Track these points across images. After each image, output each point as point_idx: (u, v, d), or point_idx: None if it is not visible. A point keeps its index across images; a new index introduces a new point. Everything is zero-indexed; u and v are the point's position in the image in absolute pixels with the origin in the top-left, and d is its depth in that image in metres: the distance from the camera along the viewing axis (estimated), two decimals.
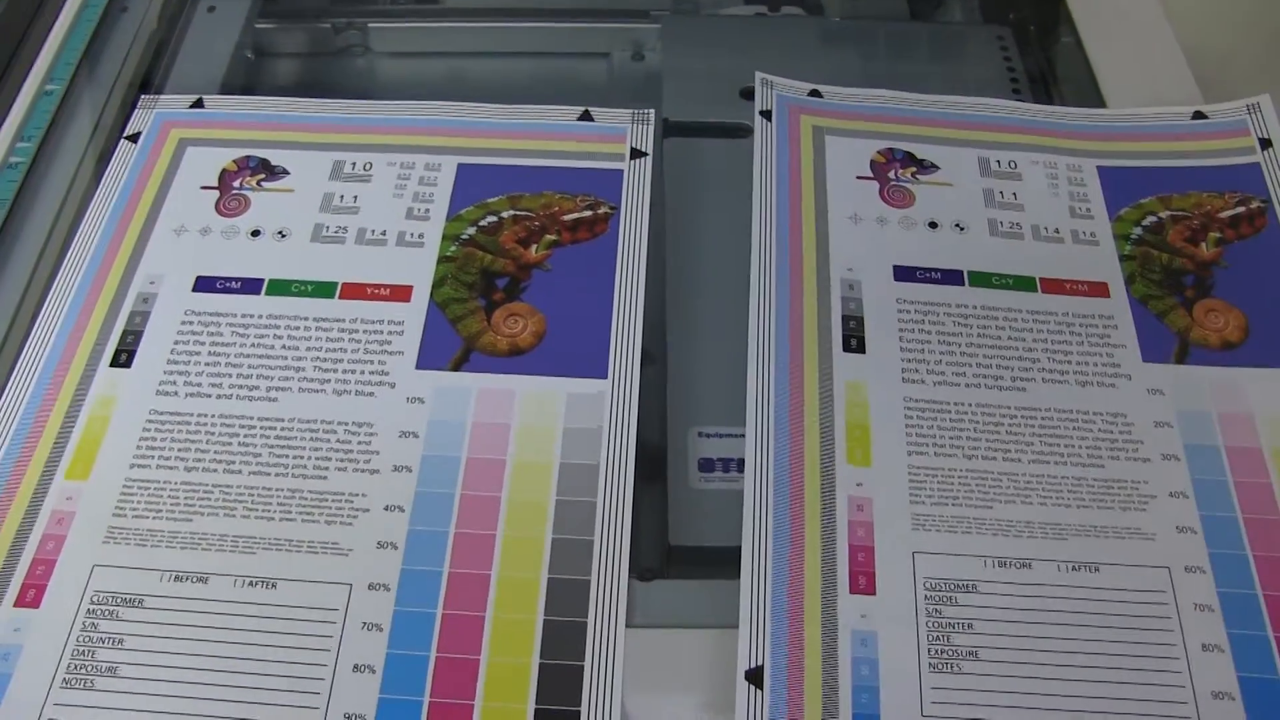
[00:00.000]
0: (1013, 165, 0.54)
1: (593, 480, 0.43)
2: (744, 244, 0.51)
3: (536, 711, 0.38)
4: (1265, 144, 0.55)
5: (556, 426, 0.44)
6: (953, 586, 0.41)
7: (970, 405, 0.46)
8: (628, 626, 0.40)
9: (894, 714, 0.39)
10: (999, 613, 0.41)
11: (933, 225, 0.52)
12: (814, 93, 0.57)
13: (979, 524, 0.43)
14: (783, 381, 0.46)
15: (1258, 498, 0.44)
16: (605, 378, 0.46)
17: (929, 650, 0.40)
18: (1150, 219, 0.53)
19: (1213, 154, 0.55)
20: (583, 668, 0.39)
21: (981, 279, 0.50)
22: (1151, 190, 0.54)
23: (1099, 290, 0.50)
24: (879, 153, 0.54)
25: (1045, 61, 0.66)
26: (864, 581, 0.41)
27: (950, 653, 0.40)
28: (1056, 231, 0.52)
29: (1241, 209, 0.53)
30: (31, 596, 0.41)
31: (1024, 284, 0.50)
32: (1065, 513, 0.43)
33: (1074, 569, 0.42)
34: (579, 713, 0.38)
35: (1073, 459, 0.45)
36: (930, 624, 0.40)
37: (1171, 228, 0.52)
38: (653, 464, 0.47)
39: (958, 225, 0.52)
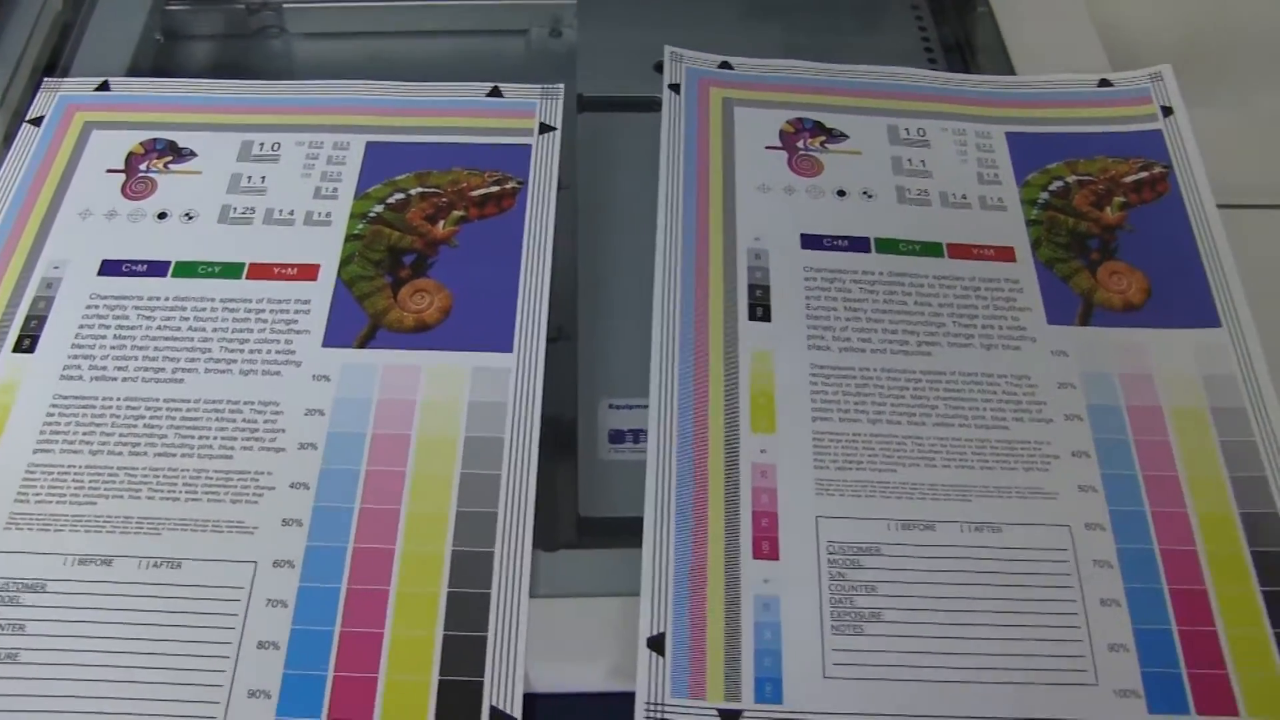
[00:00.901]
0: (921, 133, 0.55)
1: (497, 453, 0.43)
2: (656, 218, 0.51)
3: (440, 683, 0.38)
4: (1167, 111, 0.56)
5: (461, 401, 0.45)
6: (856, 550, 0.42)
7: (876, 370, 0.46)
8: (532, 597, 0.40)
9: (796, 676, 0.39)
10: (902, 575, 0.41)
11: (841, 194, 0.52)
12: (724, 65, 0.57)
13: (883, 488, 0.43)
14: (687, 351, 0.46)
15: (1157, 455, 0.45)
16: (510, 351, 0.46)
17: (831, 613, 0.40)
18: (1057, 184, 0.53)
19: (1117, 120, 0.56)
20: (486, 638, 0.39)
21: (889, 245, 0.50)
22: (1058, 156, 0.54)
23: (1005, 255, 0.50)
24: (788, 123, 0.54)
25: (961, 31, 0.66)
26: (767, 547, 0.42)
27: (853, 615, 0.40)
28: (964, 197, 0.52)
29: (1144, 174, 0.53)
30: None
31: (931, 250, 0.50)
32: (969, 474, 0.44)
33: (976, 529, 0.43)
34: (482, 683, 0.38)
35: (977, 421, 0.45)
36: (833, 587, 0.41)
37: (1077, 192, 0.53)
38: (564, 437, 0.48)
39: (865, 193, 0.52)
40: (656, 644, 0.39)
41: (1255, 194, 0.56)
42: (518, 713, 0.38)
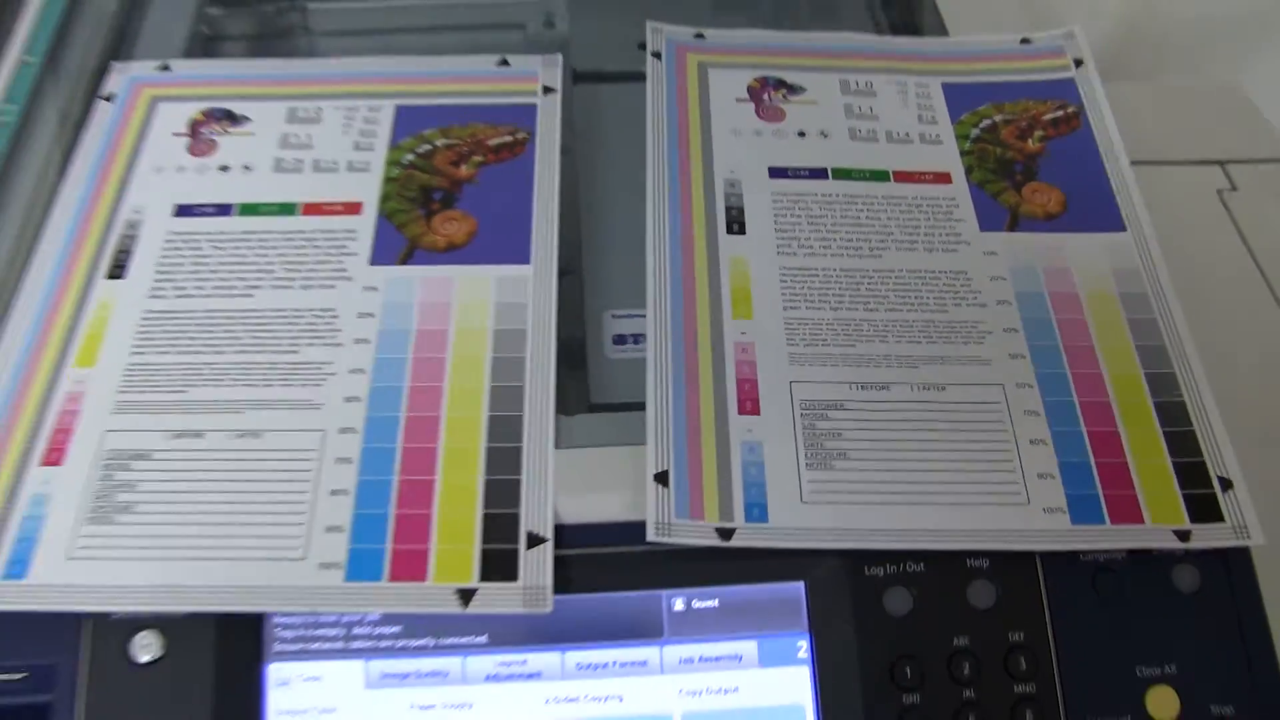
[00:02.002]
0: (869, 85, 0.64)
1: (521, 341, 0.52)
2: (644, 168, 0.60)
3: (484, 515, 0.47)
4: (1078, 63, 0.65)
5: (489, 301, 0.53)
6: (824, 406, 0.50)
7: (835, 270, 0.55)
8: (556, 448, 0.49)
9: (778, 502, 0.47)
10: (863, 423, 0.50)
11: (801, 135, 0.61)
12: (699, 35, 0.66)
13: (844, 359, 0.52)
14: (676, 263, 0.55)
15: (1075, 329, 0.54)
16: (528, 264, 0.55)
17: (805, 453, 0.49)
18: (986, 122, 0.62)
19: (1037, 71, 0.65)
20: (520, 480, 0.47)
21: (843, 174, 0.59)
22: (986, 100, 0.63)
23: (943, 179, 0.59)
24: (754, 80, 0.64)
25: (905, 10, 0.76)
26: (750, 405, 0.50)
27: (823, 454, 0.49)
28: (907, 135, 0.61)
29: (1060, 112, 0.63)
30: (54, 457, 0.48)
31: (879, 176, 0.59)
32: (916, 348, 0.53)
33: (924, 389, 0.51)
34: (518, 514, 0.47)
35: (922, 307, 0.54)
36: (806, 434, 0.49)
37: (1003, 128, 0.62)
38: (575, 345, 0.56)
39: (822, 134, 0.61)
40: (661, 478, 0.48)
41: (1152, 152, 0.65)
42: (550, 535, 0.46)
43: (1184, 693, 0.45)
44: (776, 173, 0.59)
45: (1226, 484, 0.48)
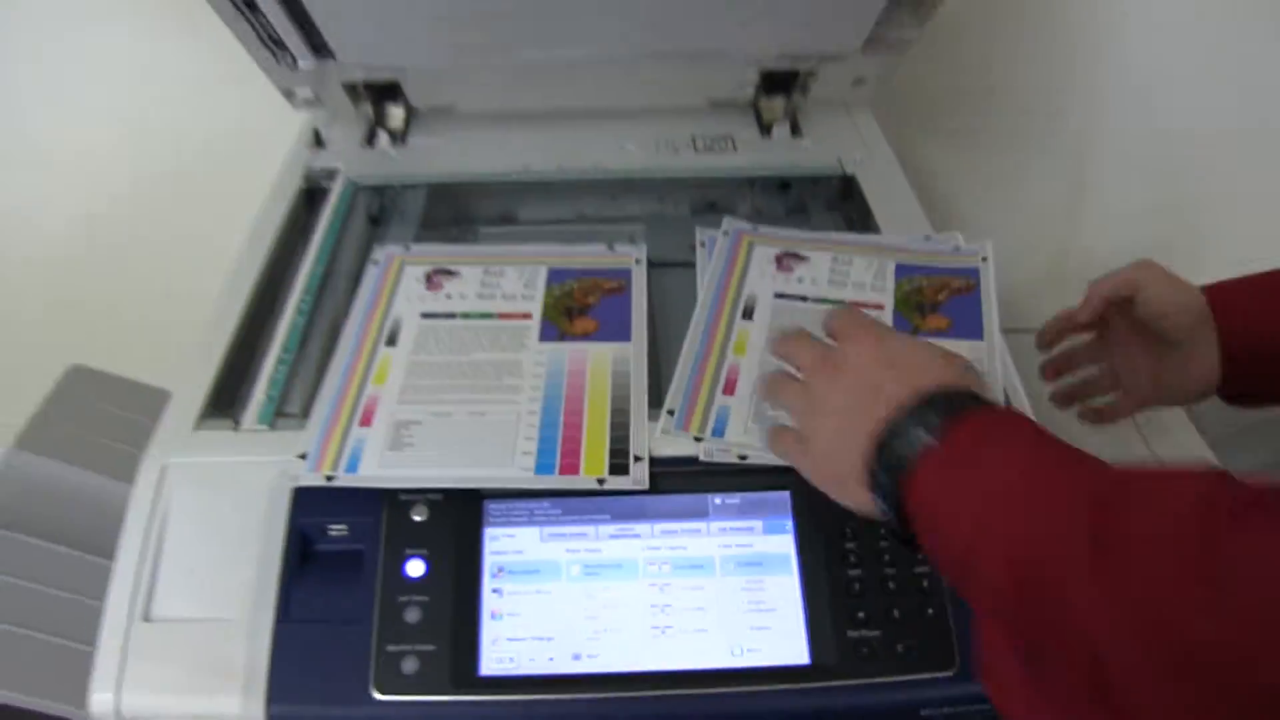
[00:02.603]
0: (848, 260, 1.05)
1: (626, 379, 0.91)
2: (683, 303, 1.00)
3: (610, 448, 0.84)
4: (984, 259, 1.07)
5: (608, 360, 0.93)
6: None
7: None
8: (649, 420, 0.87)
9: (733, 429, 0.85)
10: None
11: (799, 280, 1.02)
12: (752, 228, 1.08)
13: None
14: (711, 321, 0.95)
15: None
16: (629, 341, 0.95)
17: (753, 416, 0.87)
18: (916, 284, 1.03)
19: (960, 261, 1.06)
20: (629, 434, 0.85)
21: (819, 299, 1.00)
22: (921, 274, 1.04)
23: (879, 306, 1.00)
24: (780, 253, 1.05)
25: (856, 213, 1.18)
26: (730, 389, 0.89)
27: (762, 410, 0.87)
28: (864, 285, 1.02)
29: (964, 283, 1.03)
30: (365, 421, 0.87)
31: (839, 302, 1.00)
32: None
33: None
34: (628, 447, 0.84)
35: None
36: (756, 411, 0.87)
37: (926, 288, 1.02)
38: (653, 381, 0.95)
39: (813, 281, 1.02)
40: (670, 412, 0.86)
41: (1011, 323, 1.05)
42: (645, 456, 0.84)
43: None
44: (779, 295, 0.99)
45: None
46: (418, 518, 0.81)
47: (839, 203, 1.20)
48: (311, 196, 1.16)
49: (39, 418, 1.09)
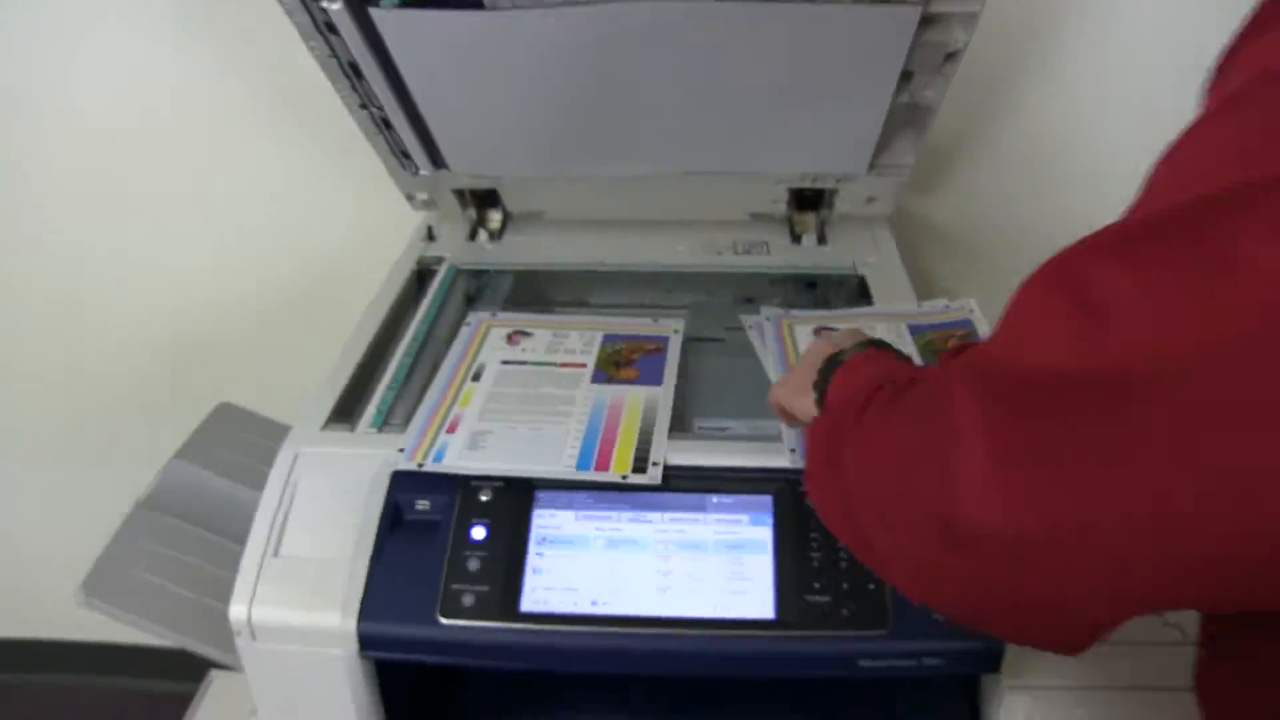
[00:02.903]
0: (871, 327, 1.29)
1: (654, 413, 1.16)
2: (730, 355, 1.26)
3: (635, 456, 1.09)
4: (971, 311, 1.30)
5: (641, 398, 1.18)
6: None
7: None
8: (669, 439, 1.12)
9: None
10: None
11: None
12: (789, 313, 1.34)
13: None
14: (780, 342, 1.20)
15: None
16: (660, 385, 1.20)
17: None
18: (925, 338, 1.26)
19: (955, 315, 1.30)
20: (650, 444, 1.10)
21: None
22: (930, 330, 1.28)
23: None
24: (815, 328, 1.30)
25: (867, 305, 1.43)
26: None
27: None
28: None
29: (965, 332, 1.27)
30: (452, 429, 1.13)
31: None
32: None
33: None
34: (649, 455, 1.09)
35: None
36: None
37: (936, 340, 1.26)
38: (678, 416, 1.20)
39: None
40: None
41: None
42: (661, 462, 1.08)
43: None
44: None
45: None
46: (484, 498, 1.06)
47: (856, 297, 1.45)
48: (422, 277, 1.45)
49: (194, 439, 1.38)
